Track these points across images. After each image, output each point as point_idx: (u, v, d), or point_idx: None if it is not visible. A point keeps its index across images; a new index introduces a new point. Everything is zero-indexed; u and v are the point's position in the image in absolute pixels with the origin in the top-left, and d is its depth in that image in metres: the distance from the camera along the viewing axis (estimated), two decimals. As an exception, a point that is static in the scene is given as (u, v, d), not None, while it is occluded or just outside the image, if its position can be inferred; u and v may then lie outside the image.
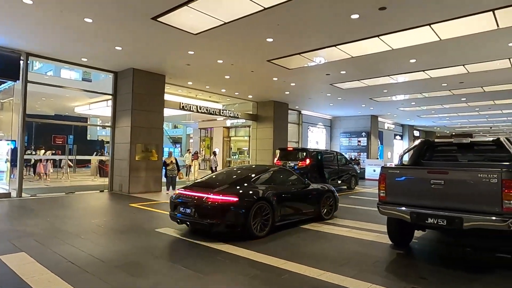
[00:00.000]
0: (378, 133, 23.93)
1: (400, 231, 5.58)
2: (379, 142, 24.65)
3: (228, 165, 23.33)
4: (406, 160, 6.65)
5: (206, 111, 16.06)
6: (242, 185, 6.25)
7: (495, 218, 4.19)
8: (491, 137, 5.77)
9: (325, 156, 13.82)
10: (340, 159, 14.72)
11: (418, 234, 6.18)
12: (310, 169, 12.54)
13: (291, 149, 14.50)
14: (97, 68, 12.04)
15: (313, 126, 22.81)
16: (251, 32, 8.13)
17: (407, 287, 3.88)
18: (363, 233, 6.49)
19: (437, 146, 6.62)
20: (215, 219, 5.64)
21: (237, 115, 17.85)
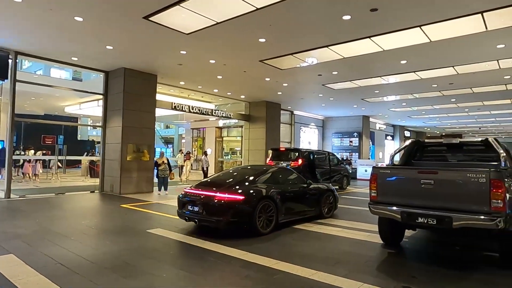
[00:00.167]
0: (369, 133, 24.12)
1: (391, 230, 5.63)
2: (371, 142, 24.85)
3: (221, 165, 23.28)
4: (397, 160, 6.71)
5: (198, 111, 16.00)
6: (248, 184, 6.51)
7: (483, 217, 4.26)
8: (480, 138, 5.86)
9: (317, 156, 13.90)
10: (332, 159, 14.79)
11: (408, 233, 6.25)
12: (302, 169, 12.53)
13: (284, 149, 14.52)
14: (87, 68, 11.91)
15: (305, 126, 22.89)
16: (243, 32, 8.12)
17: (398, 286, 3.92)
18: (355, 232, 6.53)
19: (427, 146, 6.70)
20: (222, 216, 5.89)
21: (230, 115, 17.82)
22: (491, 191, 4.27)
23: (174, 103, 14.74)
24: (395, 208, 5.00)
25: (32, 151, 17.06)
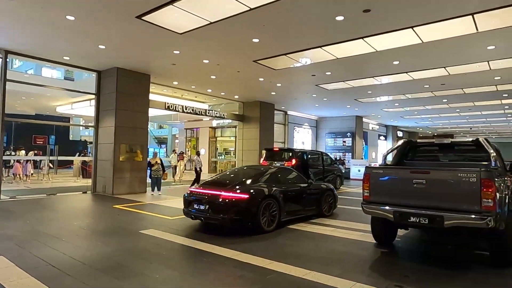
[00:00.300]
0: (362, 133, 24.26)
1: (384, 230, 5.67)
2: (364, 143, 25.00)
3: (214, 165, 23.24)
4: (389, 160, 6.77)
5: (192, 111, 15.94)
6: (251, 183, 6.73)
7: (474, 216, 4.31)
8: (471, 138, 5.93)
9: (310, 156, 13.93)
10: (326, 159, 14.84)
11: (401, 232, 6.30)
12: (295, 169, 12.59)
13: (277, 149, 14.53)
14: (79, 67, 11.79)
15: (299, 126, 22.95)
16: (237, 32, 8.11)
17: (391, 285, 3.95)
18: (348, 232, 6.57)
19: (419, 146, 6.76)
20: (227, 214, 6.11)
21: (223, 115, 17.79)
22: (481, 191, 4.32)
23: (168, 103, 14.66)
24: (387, 207, 5.04)
25: (23, 152, 16.83)
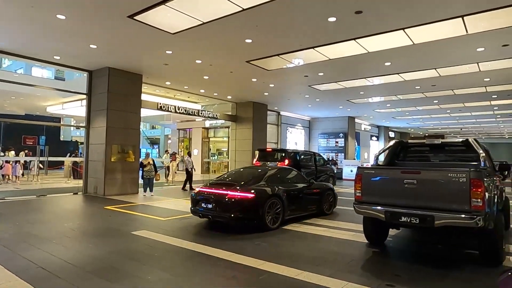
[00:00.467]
0: (355, 134, 24.43)
1: (376, 230, 5.71)
2: (356, 143, 25.17)
3: (207, 166, 23.16)
4: (381, 160, 6.82)
5: (184, 111, 15.87)
6: (256, 183, 6.95)
7: (464, 216, 4.37)
8: (461, 138, 6.01)
9: (303, 157, 13.97)
10: (318, 160, 14.91)
11: (392, 232, 6.36)
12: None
13: (270, 150, 14.54)
14: (70, 67, 11.65)
15: (292, 127, 23.01)
16: (230, 32, 8.10)
17: (382, 284, 3.98)
18: (340, 232, 6.60)
19: (411, 147, 6.83)
20: (234, 213, 6.36)
21: (216, 115, 17.75)
22: (471, 190, 4.38)
23: (160, 104, 14.57)
24: (379, 207, 5.08)
25: (13, 152, 16.59)
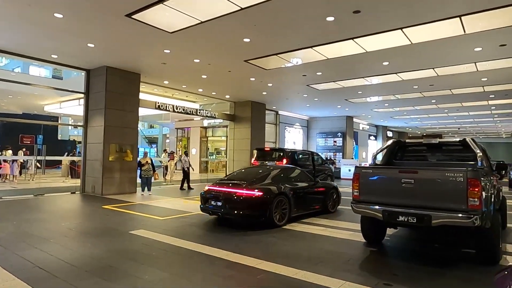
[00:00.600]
0: (353, 133, 24.47)
1: (373, 229, 5.73)
2: (354, 142, 25.21)
3: (205, 165, 23.15)
4: (379, 160, 6.84)
5: (182, 110, 15.85)
6: (264, 181, 7.17)
7: (461, 215, 4.39)
8: (458, 138, 6.02)
9: (301, 156, 14.00)
10: (317, 159, 14.92)
11: (390, 231, 6.37)
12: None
13: (268, 149, 14.57)
14: (68, 66, 11.60)
15: (290, 126, 23.02)
16: (228, 31, 8.10)
17: (380, 283, 3.99)
18: (338, 231, 6.62)
19: (408, 146, 6.85)
20: (242, 210, 6.62)
21: (214, 115, 17.74)
22: (468, 190, 4.40)
23: (158, 103, 14.56)
24: (376, 207, 5.09)
25: (10, 151, 16.52)
